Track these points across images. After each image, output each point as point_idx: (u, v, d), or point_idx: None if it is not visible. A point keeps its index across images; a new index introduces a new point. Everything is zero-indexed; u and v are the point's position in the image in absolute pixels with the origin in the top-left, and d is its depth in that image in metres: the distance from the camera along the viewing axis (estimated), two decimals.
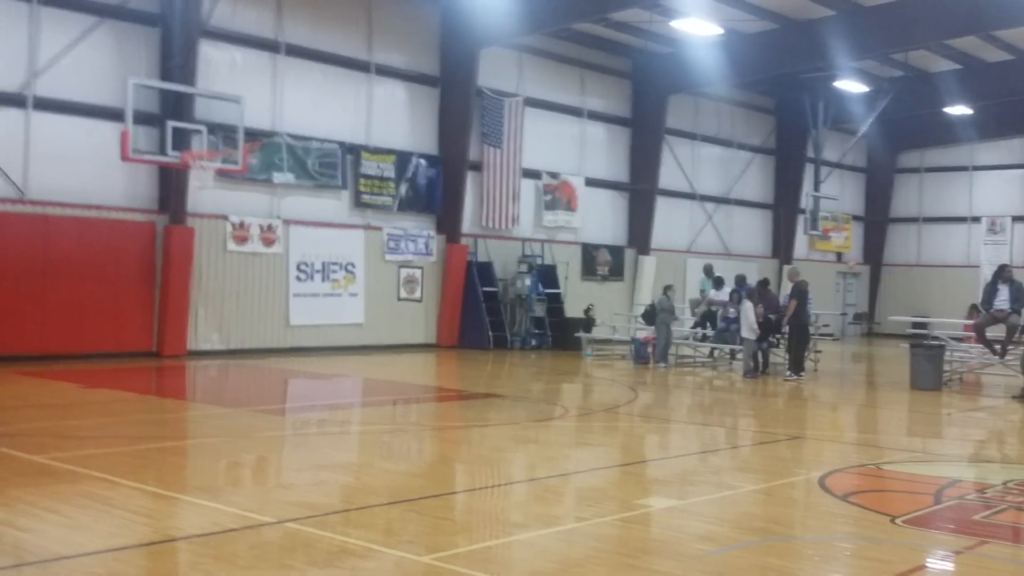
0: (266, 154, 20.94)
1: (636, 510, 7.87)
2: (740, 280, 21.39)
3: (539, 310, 25.45)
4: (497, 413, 13.67)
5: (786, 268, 25.91)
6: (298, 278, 21.66)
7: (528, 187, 26.22)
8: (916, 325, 23.33)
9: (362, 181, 22.74)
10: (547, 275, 25.99)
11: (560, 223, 27.14)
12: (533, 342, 25.14)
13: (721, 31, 24.18)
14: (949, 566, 6.60)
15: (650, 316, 21.78)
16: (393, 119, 23.49)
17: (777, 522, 7.69)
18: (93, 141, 18.43)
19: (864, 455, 11.17)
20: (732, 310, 20.59)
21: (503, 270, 25.62)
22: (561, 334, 25.15)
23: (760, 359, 19.79)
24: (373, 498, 7.90)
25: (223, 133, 19.27)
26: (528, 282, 25.18)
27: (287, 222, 21.49)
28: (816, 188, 33.17)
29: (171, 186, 19.28)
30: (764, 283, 21.32)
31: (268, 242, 21.10)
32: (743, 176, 32.91)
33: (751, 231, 33.53)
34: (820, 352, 21.63)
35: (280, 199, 21.50)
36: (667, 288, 22.34)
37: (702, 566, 6.13)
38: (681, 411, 15.42)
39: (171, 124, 18.11)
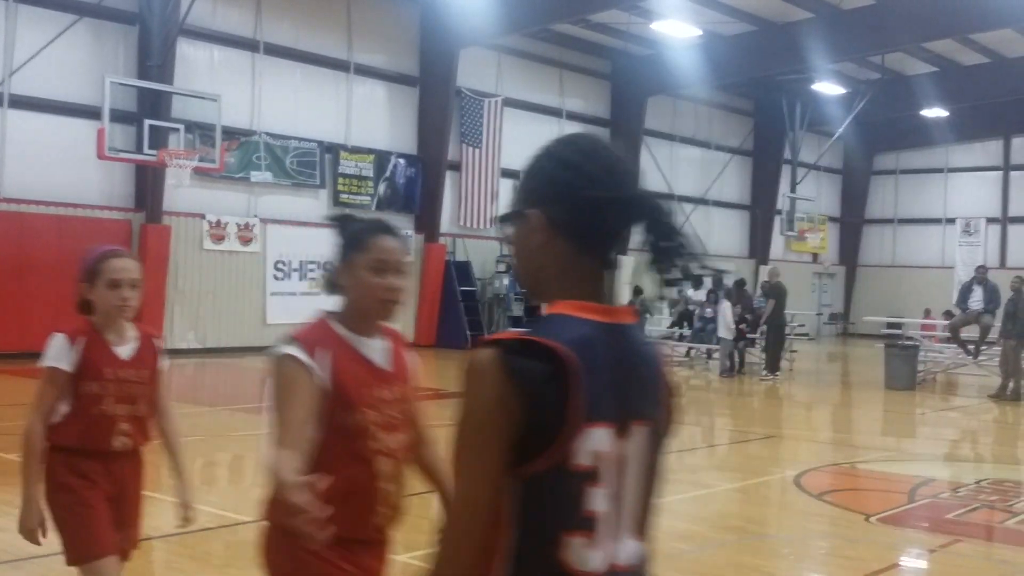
0: (244, 153, 20.86)
1: None
2: (717, 281, 21.48)
3: (517, 309, 25.47)
4: None
5: (763, 268, 26.05)
6: (275, 277, 21.59)
7: (507, 187, 26.22)
8: (891, 325, 23.48)
9: (340, 180, 22.69)
10: None
11: None
12: None
13: (700, 33, 24.26)
14: (923, 564, 6.67)
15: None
16: (372, 119, 23.45)
17: (753, 521, 7.74)
18: (69, 139, 18.31)
19: (839, 454, 11.25)
20: (709, 310, 20.68)
21: (481, 269, 25.63)
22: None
23: (736, 359, 19.89)
24: None
25: (201, 132, 19.21)
26: (506, 281, 25.20)
27: (264, 221, 21.42)
28: (792, 189, 33.31)
29: (148, 184, 19.18)
30: (740, 283, 21.44)
31: (245, 241, 21.02)
32: (721, 177, 33.02)
33: (728, 232, 33.65)
34: (796, 352, 21.75)
35: (258, 198, 21.43)
36: (636, 290, 22.45)
37: (679, 565, 6.17)
38: None
39: (148, 122, 18.05)
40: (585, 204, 1.77)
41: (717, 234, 33.03)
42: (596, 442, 1.69)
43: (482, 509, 1.64)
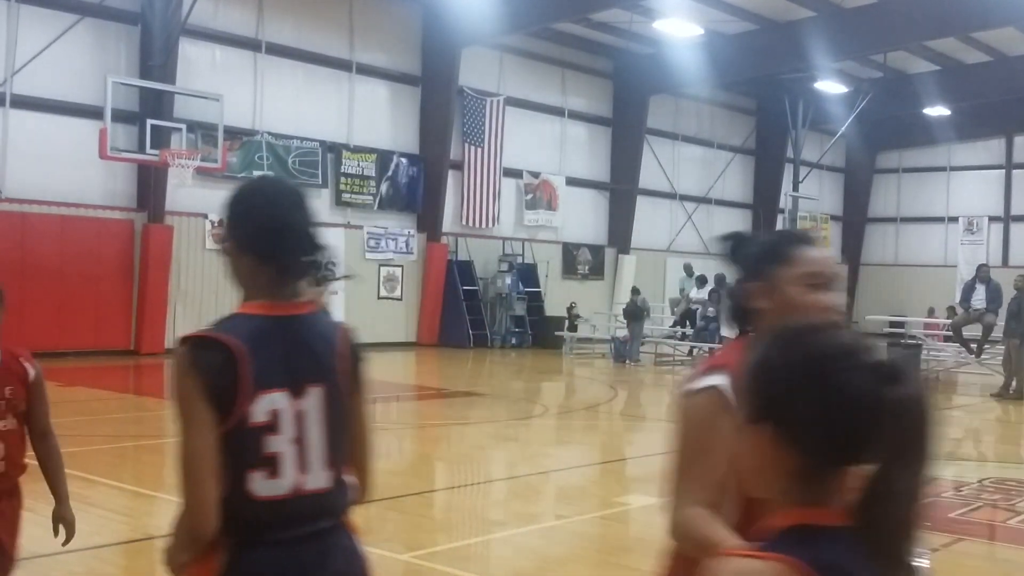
0: (246, 152, 20.87)
1: (616, 508, 7.91)
2: (720, 279, 21.47)
3: (519, 309, 25.47)
4: (477, 411, 13.69)
5: None
6: None
7: (509, 186, 26.23)
8: (893, 324, 23.47)
9: (343, 180, 22.70)
10: (527, 274, 26.02)
11: (541, 222, 27.16)
12: (513, 340, 25.17)
13: (702, 32, 24.24)
14: (925, 563, 6.66)
15: (631, 313, 21.91)
16: (374, 118, 23.45)
17: None
18: (72, 139, 18.32)
19: None
20: (711, 308, 20.68)
21: (483, 269, 25.62)
22: (541, 333, 25.19)
23: None
24: None
25: (203, 131, 19.24)
26: (508, 281, 25.20)
27: None
28: (795, 188, 33.26)
29: (150, 184, 19.20)
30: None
31: None
32: (723, 176, 33.01)
33: (731, 230, 33.55)
34: None
35: None
36: (634, 290, 22.58)
37: None
38: (661, 409, 15.47)
39: (150, 122, 18.07)
40: (253, 230, 2.45)
41: (719, 233, 33.00)
42: (271, 403, 2.35)
43: (202, 458, 2.25)
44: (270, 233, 2.46)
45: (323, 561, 2.44)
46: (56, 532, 3.87)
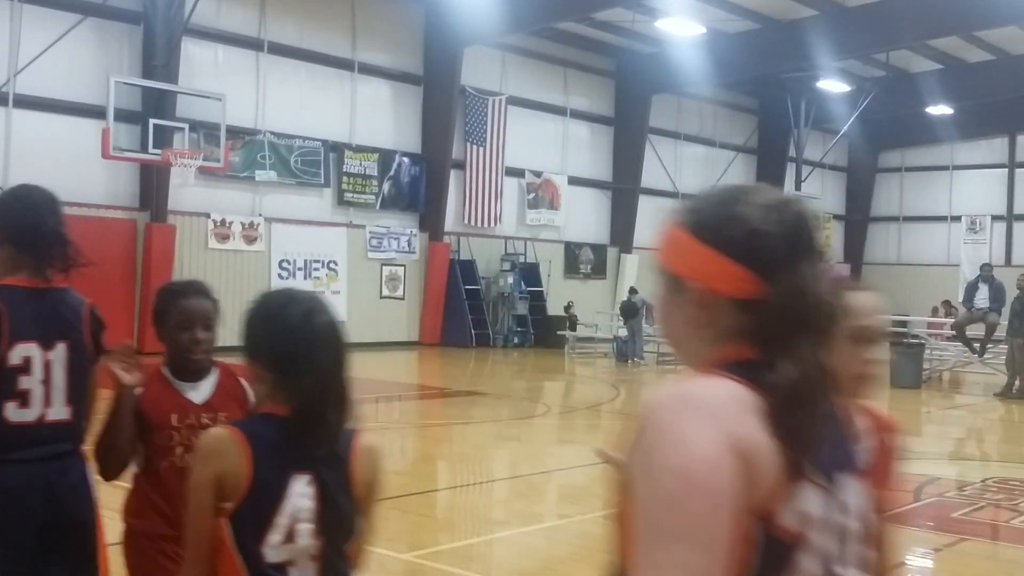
0: (248, 152, 20.87)
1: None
2: None
3: (521, 308, 25.47)
4: (480, 411, 13.69)
5: None
6: (280, 276, 21.61)
7: (511, 185, 26.22)
8: (896, 323, 23.41)
9: (345, 179, 22.70)
10: (530, 273, 26.01)
11: (543, 221, 27.16)
12: (515, 340, 25.17)
13: (704, 31, 24.23)
14: (928, 563, 6.66)
15: (628, 311, 21.93)
16: (376, 117, 23.45)
17: None
18: (74, 139, 18.33)
19: None
20: None
21: (486, 268, 25.62)
22: (543, 332, 25.19)
23: None
24: None
25: (205, 131, 19.25)
26: (511, 280, 25.20)
27: (269, 220, 21.43)
28: (797, 187, 33.24)
29: (152, 184, 19.20)
30: None
31: (250, 240, 21.04)
32: (725, 175, 32.96)
33: None
34: None
35: (262, 197, 21.44)
36: (632, 290, 22.63)
37: None
38: None
39: (153, 122, 18.08)
40: (14, 227, 3.23)
41: None
42: (23, 351, 3.15)
43: None
44: (27, 229, 3.23)
45: (61, 476, 3.22)
46: None
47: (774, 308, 1.45)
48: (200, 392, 3.31)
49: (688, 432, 1.35)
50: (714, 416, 1.36)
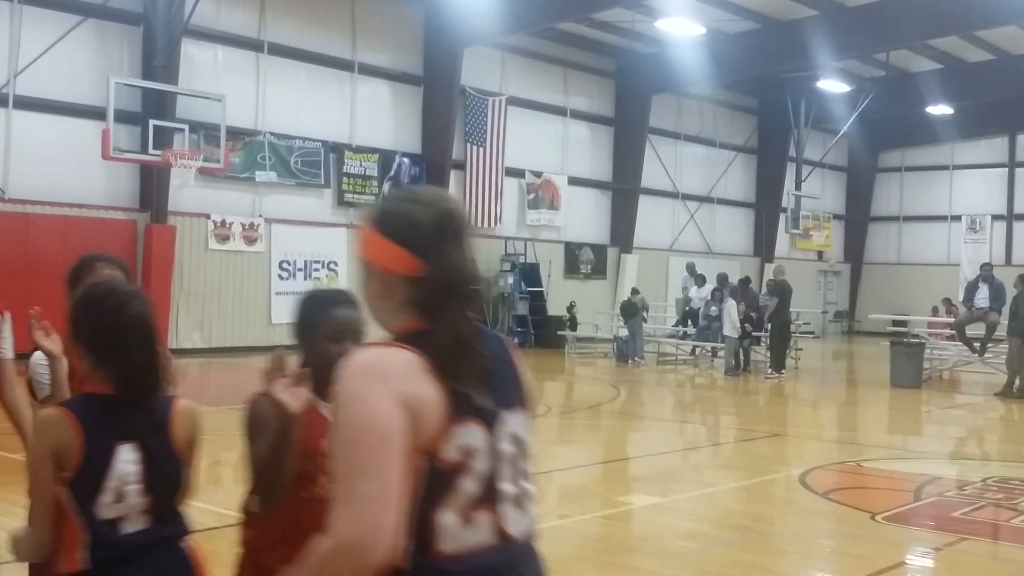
0: (249, 153, 20.88)
1: (618, 507, 7.91)
2: (722, 279, 21.49)
3: (522, 308, 25.47)
4: None
5: (768, 266, 25.99)
6: (280, 276, 21.61)
7: (511, 186, 26.23)
8: (896, 323, 23.46)
9: (345, 180, 22.71)
10: (530, 273, 26.01)
11: (543, 222, 27.16)
12: (515, 340, 25.15)
13: (704, 31, 24.24)
14: (929, 563, 6.66)
15: (628, 311, 21.94)
16: (376, 118, 23.46)
17: (758, 519, 7.73)
18: (74, 140, 18.34)
19: (844, 452, 11.24)
20: (714, 308, 20.67)
21: (486, 268, 25.57)
22: (543, 332, 25.19)
23: (741, 357, 19.87)
24: None
25: (205, 132, 19.26)
26: (511, 280, 25.21)
27: (269, 221, 21.44)
28: (797, 187, 33.29)
29: (153, 185, 19.21)
30: (745, 282, 21.45)
31: (250, 240, 21.04)
32: (725, 175, 32.99)
33: (733, 230, 33.63)
34: (801, 350, 21.73)
35: (262, 198, 21.45)
36: (633, 291, 22.66)
37: (684, 563, 6.17)
38: (663, 409, 15.48)
39: (153, 123, 18.09)
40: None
41: (722, 232, 33.03)
42: None
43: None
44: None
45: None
46: None
47: (428, 281, 1.94)
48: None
49: (364, 391, 1.83)
50: (385, 378, 1.84)
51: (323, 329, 2.90)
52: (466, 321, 1.94)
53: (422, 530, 1.86)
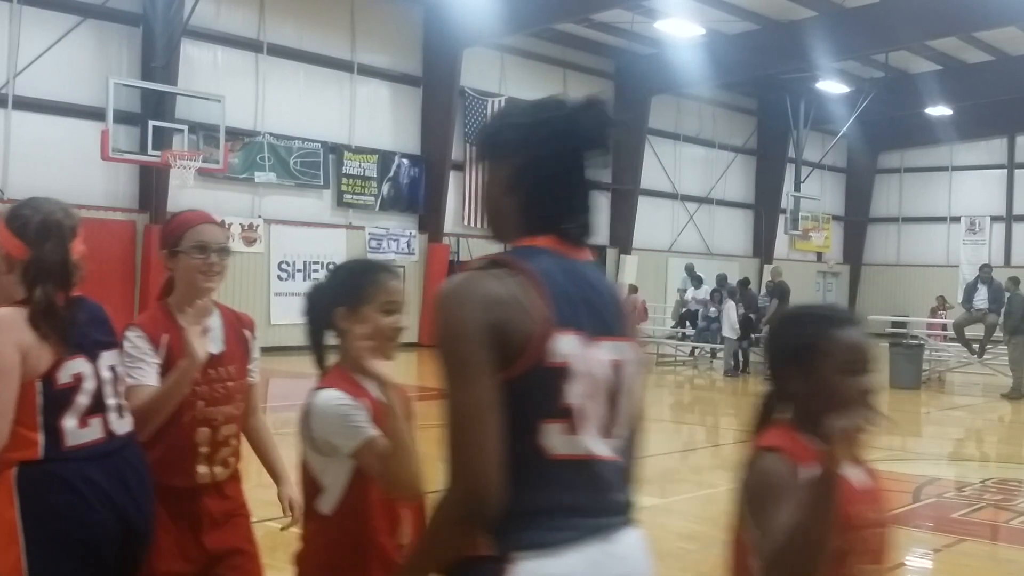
0: (248, 153, 20.88)
1: None
2: (721, 280, 21.49)
3: None
4: None
5: (767, 267, 25.98)
6: (279, 277, 21.61)
7: None
8: (895, 324, 23.48)
9: (344, 181, 22.71)
10: None
11: None
12: None
13: (703, 32, 24.24)
14: (928, 563, 6.66)
15: None
16: (376, 119, 23.46)
17: None
18: (73, 140, 18.33)
19: None
20: (713, 309, 20.68)
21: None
22: None
23: (740, 358, 19.88)
24: None
25: (204, 132, 19.24)
26: None
27: (268, 221, 21.43)
28: (796, 188, 33.27)
29: (152, 185, 19.21)
30: (744, 283, 21.45)
31: (249, 241, 21.04)
32: (724, 176, 33.00)
33: (732, 231, 33.64)
34: None
35: (261, 198, 21.45)
36: (631, 288, 22.65)
37: (684, 564, 6.17)
38: (662, 410, 15.48)
39: (152, 123, 18.07)
40: None
41: (721, 233, 33.03)
42: None
43: None
44: None
45: None
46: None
47: (30, 264, 2.88)
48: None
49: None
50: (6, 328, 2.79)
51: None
52: (51, 297, 2.92)
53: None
